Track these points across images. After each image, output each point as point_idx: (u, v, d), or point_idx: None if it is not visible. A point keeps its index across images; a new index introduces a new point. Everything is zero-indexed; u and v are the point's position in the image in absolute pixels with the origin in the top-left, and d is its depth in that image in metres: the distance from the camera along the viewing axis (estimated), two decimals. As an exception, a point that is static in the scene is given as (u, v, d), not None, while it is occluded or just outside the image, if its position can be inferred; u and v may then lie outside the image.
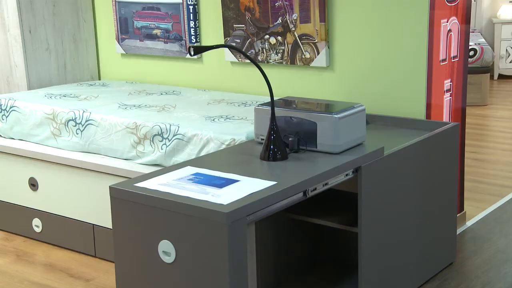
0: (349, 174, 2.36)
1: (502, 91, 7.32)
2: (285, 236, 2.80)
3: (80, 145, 3.20)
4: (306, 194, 2.17)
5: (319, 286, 2.76)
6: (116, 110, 3.22)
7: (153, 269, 2.04)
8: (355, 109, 2.48)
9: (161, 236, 2.01)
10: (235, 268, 1.89)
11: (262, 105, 2.54)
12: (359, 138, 2.51)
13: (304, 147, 2.45)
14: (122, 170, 2.97)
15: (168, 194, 2.01)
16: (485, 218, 3.55)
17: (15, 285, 2.90)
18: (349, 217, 2.61)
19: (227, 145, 2.72)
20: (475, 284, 2.80)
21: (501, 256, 3.07)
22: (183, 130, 2.87)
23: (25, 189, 3.37)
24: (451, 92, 3.23)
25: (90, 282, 2.92)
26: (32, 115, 3.37)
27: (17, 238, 3.43)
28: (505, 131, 5.55)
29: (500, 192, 3.98)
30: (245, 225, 1.92)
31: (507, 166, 4.54)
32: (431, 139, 2.73)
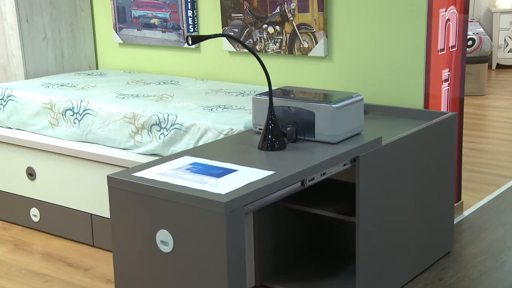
0: (347, 164, 2.36)
1: (500, 81, 7.32)
2: (283, 225, 2.81)
3: (78, 135, 3.19)
4: (304, 183, 2.18)
5: (316, 275, 2.77)
6: (114, 100, 3.22)
7: (151, 258, 2.05)
8: (353, 99, 2.48)
9: (159, 226, 2.01)
10: (233, 258, 1.90)
11: (260, 94, 2.54)
12: (357, 128, 2.51)
13: (302, 137, 2.45)
14: (120, 159, 2.97)
15: (166, 183, 2.01)
16: (482, 207, 3.56)
17: (13, 274, 2.91)
18: (346, 206, 2.61)
19: (225, 134, 2.72)
20: (472, 273, 2.82)
21: (498, 245, 3.08)
22: (181, 119, 2.87)
23: (23, 179, 3.37)
24: (449, 82, 3.23)
25: (88, 271, 2.93)
26: (30, 105, 3.37)
27: (14, 228, 3.43)
28: (503, 121, 5.56)
29: (498, 181, 3.99)
30: (243, 214, 1.92)
31: (504, 155, 4.54)
32: (429, 129, 2.74)
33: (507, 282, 2.72)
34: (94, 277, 2.86)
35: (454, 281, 2.74)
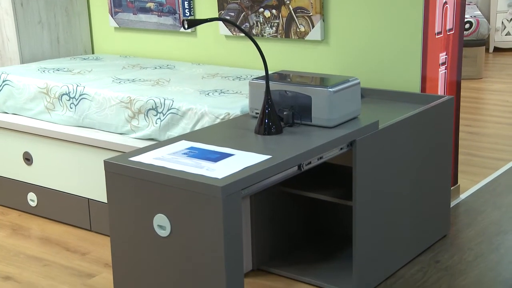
0: (344, 148, 2.37)
1: (497, 64, 7.31)
2: (280, 209, 2.82)
3: (74, 120, 3.19)
4: (300, 168, 2.18)
5: (313, 259, 2.79)
6: (110, 84, 3.21)
7: (148, 243, 2.05)
8: (350, 83, 2.48)
9: (156, 210, 2.01)
10: (230, 242, 1.90)
11: (257, 79, 2.53)
12: (354, 112, 2.51)
13: (299, 121, 2.45)
14: (116, 144, 2.96)
15: (162, 168, 2.01)
16: (479, 191, 3.57)
17: (11, 259, 2.92)
18: (343, 190, 2.62)
19: (221, 119, 2.72)
20: (468, 255, 2.83)
21: (494, 228, 3.10)
22: (177, 104, 2.86)
23: (20, 164, 3.37)
24: (446, 65, 3.22)
25: (86, 255, 2.94)
26: (26, 89, 3.36)
27: (12, 212, 3.44)
28: (500, 104, 5.56)
29: (494, 165, 4.00)
30: (239, 198, 1.93)
31: (501, 139, 4.55)
32: (425, 113, 2.74)
33: (503, 265, 2.74)
34: (92, 261, 2.87)
35: (450, 264, 2.76)
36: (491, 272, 2.68)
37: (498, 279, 2.62)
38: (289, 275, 2.67)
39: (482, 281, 2.61)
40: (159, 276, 2.05)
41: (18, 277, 2.75)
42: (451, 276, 2.66)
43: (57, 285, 2.67)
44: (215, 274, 1.92)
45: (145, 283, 2.09)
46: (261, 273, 2.73)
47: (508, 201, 3.41)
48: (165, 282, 2.04)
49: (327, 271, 2.67)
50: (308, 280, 2.62)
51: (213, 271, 1.92)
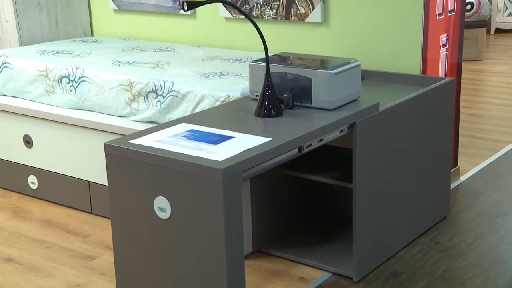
0: (344, 130, 2.37)
1: (498, 45, 7.28)
2: (280, 192, 2.82)
3: (74, 102, 3.18)
4: (301, 150, 2.18)
5: (314, 241, 2.80)
6: (110, 67, 3.20)
7: (149, 225, 2.06)
8: (350, 65, 2.47)
9: (157, 193, 2.02)
10: (230, 224, 1.91)
11: (257, 61, 2.52)
12: (354, 94, 2.51)
13: (299, 103, 2.44)
14: (116, 127, 2.96)
15: (163, 150, 2.02)
16: (479, 172, 3.57)
17: (12, 241, 2.93)
18: (344, 173, 2.62)
19: (221, 101, 2.71)
20: (468, 237, 2.84)
21: (494, 210, 3.11)
22: (177, 87, 2.86)
23: (20, 146, 3.37)
24: (447, 47, 3.21)
25: (87, 238, 2.95)
26: (25, 72, 3.35)
27: (13, 195, 3.45)
28: (501, 86, 5.55)
29: (494, 146, 4.00)
30: (240, 181, 1.93)
31: (501, 121, 4.55)
32: (426, 95, 2.73)
33: (503, 246, 2.75)
34: (93, 244, 2.89)
35: (450, 245, 2.77)
36: (491, 253, 2.70)
37: (497, 260, 2.63)
38: (289, 257, 2.68)
39: (482, 262, 2.62)
40: (160, 258, 2.06)
41: (20, 259, 2.76)
42: (450, 257, 2.67)
43: (59, 267, 2.69)
44: (215, 256, 1.93)
45: (146, 265, 2.10)
46: (262, 255, 2.74)
47: (508, 183, 3.42)
48: (166, 264, 2.05)
49: (327, 253, 2.68)
50: (308, 262, 2.63)
51: (213, 253, 1.93)
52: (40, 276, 2.62)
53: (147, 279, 2.11)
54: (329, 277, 2.54)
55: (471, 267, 2.59)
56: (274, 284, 2.51)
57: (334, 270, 2.56)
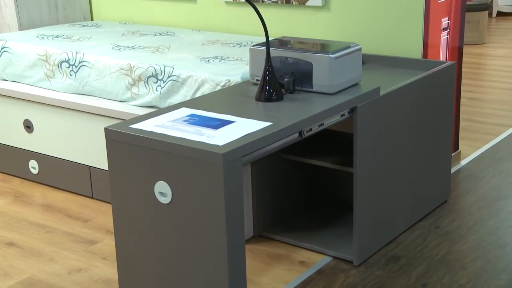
0: (345, 115, 2.36)
1: (500, 29, 7.25)
2: (281, 176, 2.83)
3: (74, 87, 3.18)
4: (301, 134, 2.18)
5: (314, 225, 2.81)
6: (110, 51, 3.19)
7: (149, 209, 2.07)
8: (351, 49, 2.46)
9: (157, 177, 2.02)
10: (231, 208, 1.91)
11: (257, 45, 2.51)
12: (355, 78, 2.50)
13: (300, 88, 2.44)
14: (117, 112, 2.96)
15: (163, 135, 2.01)
16: (480, 156, 3.57)
17: (14, 225, 2.94)
18: (344, 157, 2.62)
19: (222, 86, 2.70)
20: (468, 220, 2.85)
21: (494, 194, 3.11)
22: (177, 71, 2.85)
23: (20, 131, 3.37)
24: (449, 30, 3.19)
25: (88, 222, 2.96)
26: (25, 56, 3.34)
27: (14, 180, 3.45)
28: (502, 70, 5.53)
29: (495, 131, 3.99)
30: (240, 165, 1.93)
31: (502, 104, 4.54)
32: (427, 79, 2.72)
33: (503, 229, 2.76)
34: (94, 228, 2.90)
35: (450, 229, 2.78)
36: (491, 236, 2.71)
37: (497, 244, 2.64)
38: (290, 241, 2.69)
39: (482, 246, 2.63)
40: (161, 242, 2.07)
41: (21, 243, 2.77)
42: (450, 241, 2.68)
43: (60, 251, 2.70)
44: (216, 241, 1.94)
45: (147, 249, 2.11)
46: (262, 239, 2.75)
47: (508, 167, 3.42)
48: (167, 249, 2.06)
49: (328, 237, 2.69)
50: (308, 246, 2.64)
51: (214, 237, 1.94)
52: (41, 260, 2.63)
53: (148, 263, 2.12)
54: (330, 261, 2.56)
55: (471, 251, 2.60)
56: (275, 268, 2.52)
57: (334, 254, 2.57)
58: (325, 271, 2.48)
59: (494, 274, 2.42)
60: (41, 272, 2.54)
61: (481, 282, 2.37)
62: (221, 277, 1.95)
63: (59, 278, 2.50)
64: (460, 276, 2.42)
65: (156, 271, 2.11)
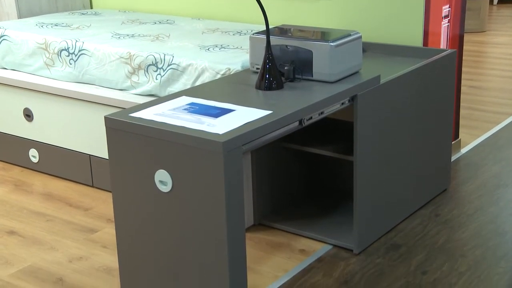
0: (345, 103, 2.36)
1: (501, 16, 7.22)
2: (281, 165, 2.83)
3: (74, 76, 3.17)
4: (301, 123, 2.17)
5: (314, 214, 2.81)
6: (109, 40, 3.18)
7: (150, 198, 2.07)
8: (351, 37, 2.45)
9: (158, 166, 2.02)
10: (231, 197, 1.92)
11: (257, 33, 2.50)
12: (355, 67, 2.49)
13: (300, 76, 2.43)
14: (117, 100, 2.95)
15: (163, 124, 2.01)
16: (480, 145, 3.57)
17: (14, 214, 2.95)
18: (344, 145, 2.62)
19: (222, 74, 2.70)
20: (468, 209, 2.85)
21: (494, 182, 3.11)
22: (177, 59, 2.84)
23: (20, 120, 3.37)
24: (449, 18, 3.18)
25: (89, 211, 2.96)
26: (24, 45, 3.33)
27: (14, 168, 3.45)
28: (503, 57, 5.52)
29: (496, 119, 3.99)
30: (240, 154, 1.93)
31: (503, 92, 4.53)
32: (427, 67, 2.72)
33: (503, 217, 2.76)
34: (95, 217, 2.90)
35: (450, 217, 2.78)
36: (491, 224, 2.71)
37: (497, 231, 2.65)
38: (290, 229, 2.70)
39: (481, 234, 2.64)
40: (161, 231, 2.07)
41: (22, 232, 2.78)
42: (450, 229, 2.69)
43: (61, 240, 2.70)
44: (216, 229, 1.94)
45: (147, 238, 2.12)
46: (262, 228, 2.75)
47: (508, 155, 3.42)
48: (167, 237, 2.07)
49: (328, 226, 2.70)
50: (309, 235, 2.65)
51: (214, 226, 1.94)
52: (42, 249, 2.64)
53: (148, 252, 2.13)
54: (330, 249, 2.56)
55: (471, 239, 2.60)
56: (275, 256, 2.53)
57: (334, 243, 2.58)
58: (325, 259, 2.49)
59: (493, 261, 2.43)
60: (42, 261, 2.55)
61: (480, 269, 2.38)
62: (221, 265, 1.96)
63: (60, 266, 2.50)
64: (460, 264, 2.42)
65: (157, 259, 2.12)
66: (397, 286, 2.30)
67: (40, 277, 2.43)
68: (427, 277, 2.35)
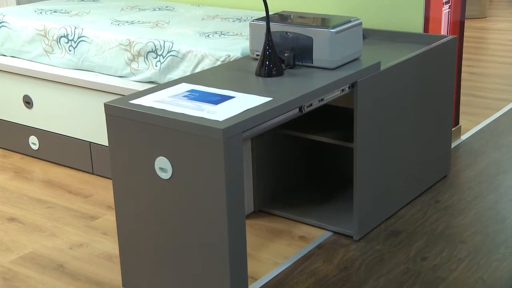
0: (345, 90, 2.35)
1: (502, 2, 7.19)
2: (281, 152, 2.83)
3: (74, 62, 3.16)
4: (302, 110, 2.17)
5: (314, 201, 2.81)
6: (109, 27, 3.16)
7: (150, 185, 2.07)
8: (352, 23, 2.44)
9: (158, 153, 2.02)
10: (231, 184, 1.92)
11: (257, 20, 2.49)
12: (356, 53, 2.49)
13: (300, 63, 2.43)
14: (116, 87, 2.95)
15: (163, 111, 2.01)
16: (480, 131, 3.57)
17: (15, 201, 2.95)
18: (344, 132, 2.62)
19: (222, 61, 2.69)
20: (467, 195, 2.86)
21: (494, 168, 3.11)
22: (177, 46, 2.83)
23: (20, 107, 3.36)
24: (450, 4, 3.17)
25: (89, 198, 2.97)
26: (23, 31, 3.32)
27: (14, 155, 3.45)
28: (503, 44, 5.50)
29: (496, 105, 3.99)
30: (240, 141, 1.93)
31: (503, 79, 4.52)
32: (428, 53, 2.71)
33: (502, 203, 2.77)
34: (95, 204, 2.91)
35: (450, 204, 2.79)
36: (490, 211, 2.72)
37: (496, 218, 2.65)
38: (290, 216, 2.70)
39: (481, 220, 2.64)
40: (161, 218, 2.08)
41: (23, 219, 2.79)
42: (450, 215, 2.69)
43: (61, 227, 2.71)
44: (216, 216, 1.94)
45: (147, 225, 2.12)
46: (263, 215, 2.76)
47: (508, 141, 3.42)
48: (167, 224, 2.07)
49: (328, 212, 2.70)
50: (309, 221, 2.65)
51: (214, 212, 1.95)
52: (43, 236, 2.64)
53: (148, 238, 2.13)
54: (330, 236, 2.57)
55: (470, 225, 2.61)
56: (275, 243, 2.54)
57: (334, 229, 2.58)
58: (325, 245, 2.50)
59: (493, 247, 2.44)
60: (42, 247, 2.56)
61: (480, 255, 2.39)
62: (221, 252, 1.97)
63: (61, 253, 2.51)
64: (460, 250, 2.43)
65: (157, 246, 2.12)
66: (397, 272, 2.31)
67: (40, 263, 2.44)
68: (427, 263, 2.35)
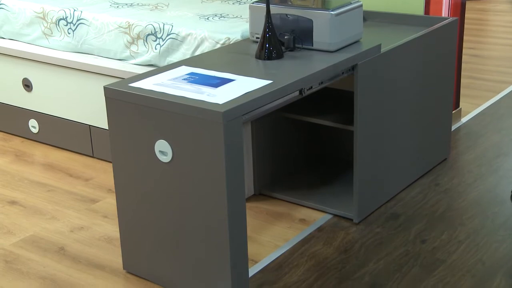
0: (345, 72, 2.35)
1: (503, -16, 7.14)
2: (282, 135, 2.83)
3: (73, 45, 3.15)
4: (302, 92, 2.17)
5: (314, 184, 2.82)
6: (108, 9, 3.15)
7: (150, 168, 2.07)
8: (352, 5, 2.43)
9: (158, 136, 2.02)
10: (231, 167, 1.92)
11: (257, 2, 2.48)
12: (356, 36, 2.47)
13: (300, 45, 2.42)
14: (116, 70, 2.94)
15: (163, 94, 2.00)
16: (480, 114, 3.57)
17: (15, 184, 2.96)
18: (345, 115, 2.62)
19: (222, 44, 2.68)
20: (467, 178, 2.86)
21: (494, 151, 3.12)
22: (177, 29, 2.82)
23: (20, 90, 3.36)
24: (451, -14, 3.15)
25: (89, 181, 2.97)
26: (21, 14, 3.30)
27: (14, 139, 3.45)
28: (505, 25, 5.48)
29: (496, 88, 3.98)
30: (240, 124, 1.93)
31: (504, 61, 4.51)
32: (429, 35, 2.70)
33: (502, 186, 2.77)
34: (95, 187, 2.91)
35: (449, 186, 2.79)
36: (490, 193, 2.72)
37: (496, 200, 2.66)
38: (290, 199, 2.71)
39: (480, 202, 2.65)
40: (161, 201, 2.08)
41: (24, 202, 2.79)
42: (450, 198, 2.70)
43: (62, 210, 2.72)
44: (217, 199, 1.95)
45: (148, 208, 2.13)
46: (263, 198, 2.76)
47: (508, 124, 3.42)
48: (167, 207, 2.08)
49: (328, 195, 2.71)
50: (309, 204, 2.66)
51: (215, 195, 1.95)
52: (44, 219, 2.65)
53: (149, 221, 2.14)
54: (330, 218, 2.58)
55: (470, 207, 2.62)
56: (275, 226, 2.55)
57: (334, 212, 2.59)
58: (325, 228, 2.51)
59: (492, 230, 2.45)
60: (43, 230, 2.56)
61: (479, 238, 2.40)
62: (222, 234, 1.97)
63: (62, 236, 2.52)
64: (459, 232, 2.44)
65: (157, 228, 2.13)
66: (396, 254, 2.32)
67: (42, 246, 2.45)
68: (427, 245, 2.36)
